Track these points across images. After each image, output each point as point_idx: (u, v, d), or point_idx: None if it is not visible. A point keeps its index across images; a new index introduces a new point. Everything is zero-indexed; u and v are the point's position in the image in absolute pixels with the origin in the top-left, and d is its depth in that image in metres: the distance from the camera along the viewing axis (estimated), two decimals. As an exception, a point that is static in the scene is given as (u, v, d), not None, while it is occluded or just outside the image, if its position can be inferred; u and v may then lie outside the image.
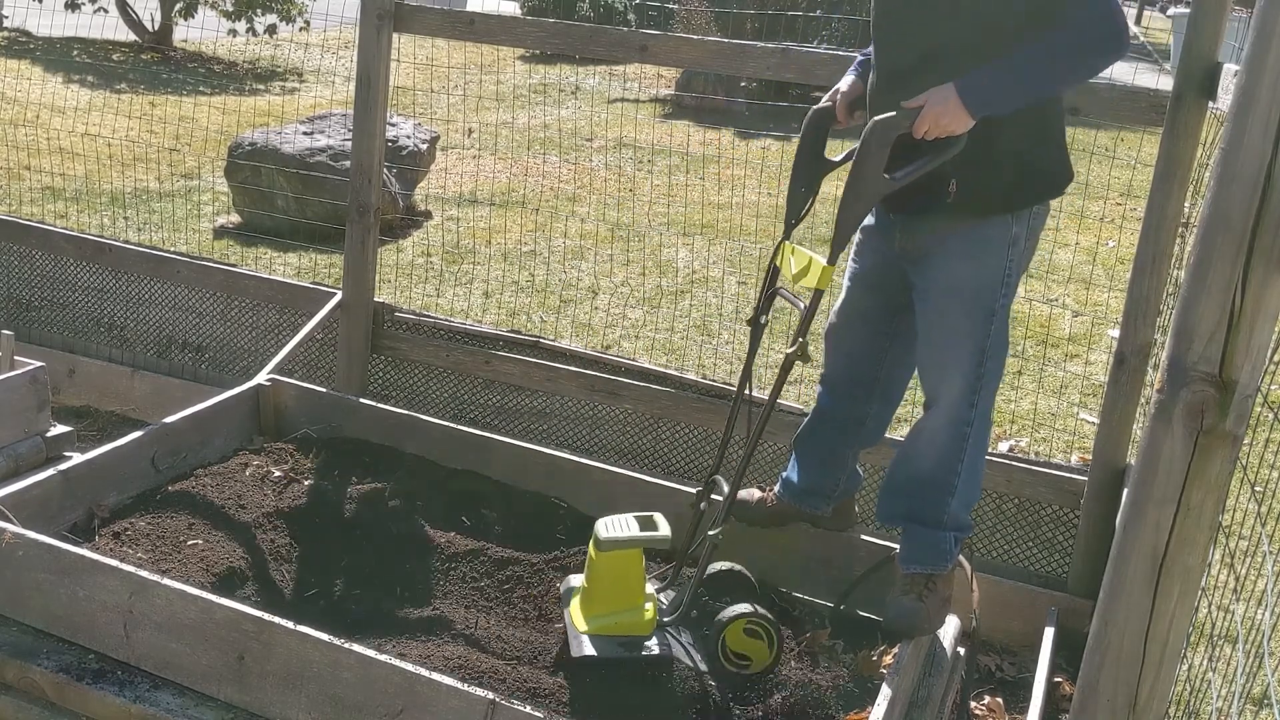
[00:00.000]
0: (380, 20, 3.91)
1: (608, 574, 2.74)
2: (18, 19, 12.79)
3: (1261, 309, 1.46)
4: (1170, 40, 17.96)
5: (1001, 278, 2.64)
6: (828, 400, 3.04)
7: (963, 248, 2.63)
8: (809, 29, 11.93)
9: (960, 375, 2.68)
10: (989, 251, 2.63)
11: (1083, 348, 5.74)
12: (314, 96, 11.39)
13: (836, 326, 2.99)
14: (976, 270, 2.64)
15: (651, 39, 3.81)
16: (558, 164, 8.87)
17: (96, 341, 4.80)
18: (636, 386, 3.98)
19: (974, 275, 2.64)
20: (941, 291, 2.68)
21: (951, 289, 2.66)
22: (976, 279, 2.64)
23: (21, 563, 2.64)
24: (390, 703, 2.34)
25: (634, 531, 2.75)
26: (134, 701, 2.49)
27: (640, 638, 2.72)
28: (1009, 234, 2.62)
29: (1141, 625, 1.61)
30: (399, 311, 4.34)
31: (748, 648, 2.70)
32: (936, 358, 2.73)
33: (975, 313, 2.65)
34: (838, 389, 3.02)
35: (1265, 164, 1.42)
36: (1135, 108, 3.21)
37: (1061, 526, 3.55)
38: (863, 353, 2.95)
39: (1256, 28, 1.42)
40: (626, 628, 2.71)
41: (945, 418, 2.72)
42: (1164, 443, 1.54)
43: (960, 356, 2.67)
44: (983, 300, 2.64)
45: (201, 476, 3.31)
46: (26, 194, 6.98)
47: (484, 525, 3.31)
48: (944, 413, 2.72)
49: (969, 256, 2.63)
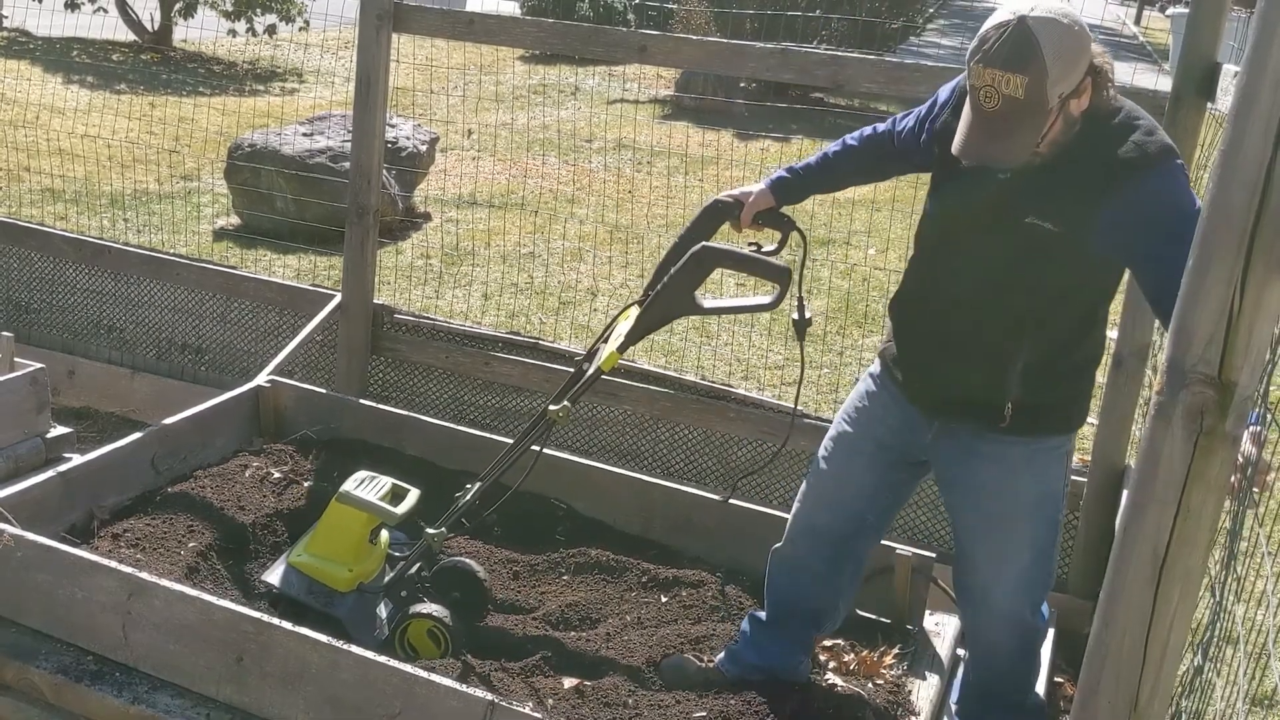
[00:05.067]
0: (379, 20, 3.90)
1: (334, 522, 2.88)
2: (17, 19, 12.78)
3: (1261, 310, 1.46)
4: (1169, 40, 17.98)
5: (1062, 489, 2.52)
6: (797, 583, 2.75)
7: (1023, 455, 2.46)
8: (808, 29, 11.93)
9: (1025, 585, 2.55)
10: (1049, 463, 2.48)
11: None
12: (313, 97, 11.38)
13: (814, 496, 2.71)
14: (1036, 481, 2.48)
15: (651, 39, 3.80)
16: (557, 165, 8.87)
17: (96, 343, 4.80)
18: (635, 387, 3.98)
19: (1034, 485, 2.48)
20: (1009, 499, 2.49)
21: (1014, 495, 2.48)
22: (1038, 489, 2.48)
23: (21, 564, 2.63)
24: (389, 704, 2.34)
25: (371, 497, 2.86)
26: (132, 702, 2.49)
27: (333, 592, 2.84)
28: (1067, 445, 2.51)
29: (1142, 626, 1.61)
30: (398, 313, 4.34)
31: (423, 646, 2.78)
32: (1002, 566, 2.55)
33: (1040, 522, 2.50)
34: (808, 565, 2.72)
35: (1265, 164, 1.41)
36: (1134, 108, 3.20)
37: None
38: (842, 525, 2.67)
39: (1256, 28, 1.42)
40: (326, 577, 2.85)
41: (1013, 630, 2.61)
42: (1164, 444, 1.54)
43: (1029, 568, 2.53)
44: (1046, 511, 2.50)
45: (201, 478, 3.31)
46: (26, 196, 6.97)
47: (483, 525, 3.31)
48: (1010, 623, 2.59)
49: (1029, 465, 2.47)
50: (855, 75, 3.55)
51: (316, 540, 2.91)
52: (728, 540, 3.14)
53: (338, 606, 2.83)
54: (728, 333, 5.65)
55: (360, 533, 2.87)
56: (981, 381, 2.41)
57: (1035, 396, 2.39)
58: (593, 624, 2.97)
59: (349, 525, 2.87)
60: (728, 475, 3.93)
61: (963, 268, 2.42)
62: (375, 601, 2.89)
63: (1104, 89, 2.25)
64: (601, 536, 3.30)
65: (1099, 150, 2.23)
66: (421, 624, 2.77)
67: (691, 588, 3.10)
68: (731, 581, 3.10)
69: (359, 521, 2.86)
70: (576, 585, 3.13)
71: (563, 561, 3.21)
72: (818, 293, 6.01)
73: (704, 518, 3.25)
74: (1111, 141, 2.22)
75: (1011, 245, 2.32)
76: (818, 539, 2.69)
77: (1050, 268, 2.30)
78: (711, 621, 2.96)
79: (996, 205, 2.33)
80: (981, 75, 2.16)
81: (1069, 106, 2.19)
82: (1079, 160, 2.24)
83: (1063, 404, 2.45)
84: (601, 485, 3.38)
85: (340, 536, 2.87)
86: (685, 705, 2.58)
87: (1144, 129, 2.24)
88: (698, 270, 2.62)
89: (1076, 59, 2.15)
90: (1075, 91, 2.18)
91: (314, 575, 2.86)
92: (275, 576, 2.89)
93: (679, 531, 3.28)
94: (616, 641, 2.86)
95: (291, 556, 2.91)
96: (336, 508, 2.87)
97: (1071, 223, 2.24)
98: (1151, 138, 2.22)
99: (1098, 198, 2.21)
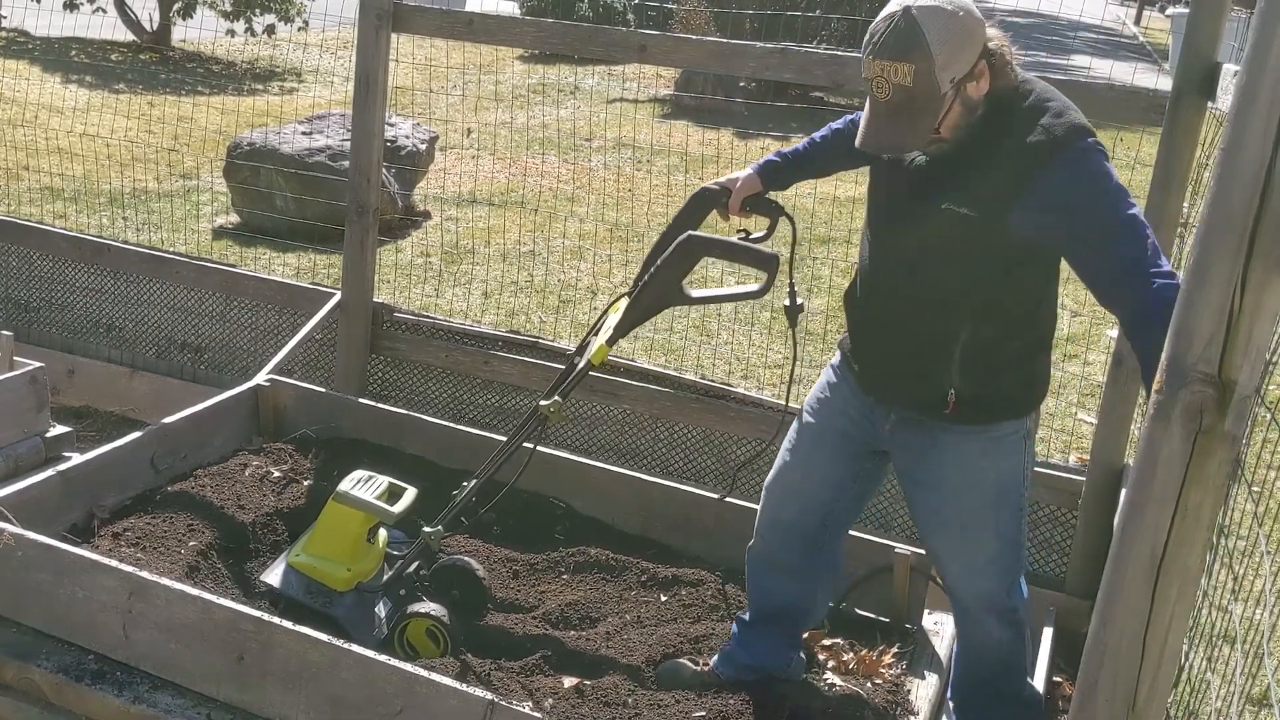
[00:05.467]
0: (379, 20, 3.90)
1: (332, 522, 2.88)
2: (16, 19, 12.77)
3: (1261, 309, 1.46)
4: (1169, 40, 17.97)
5: (1023, 474, 2.49)
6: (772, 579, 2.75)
7: (978, 446, 2.45)
8: (808, 29, 11.92)
9: (997, 572, 2.53)
10: (1006, 452, 2.46)
11: (1081, 348, 5.75)
12: (313, 97, 11.38)
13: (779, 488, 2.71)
14: (994, 471, 2.47)
15: (650, 39, 3.80)
16: (557, 164, 8.87)
17: (96, 342, 4.80)
18: (635, 386, 3.98)
19: (993, 477, 2.47)
20: (966, 491, 2.48)
21: (974, 486, 2.47)
22: (997, 480, 2.47)
23: (21, 563, 2.63)
24: (389, 703, 2.34)
25: (368, 496, 2.86)
26: (133, 702, 2.49)
27: (332, 591, 2.84)
28: (1024, 428, 2.47)
29: (1140, 625, 1.61)
30: (398, 312, 4.34)
31: (422, 645, 2.78)
32: (970, 559, 2.55)
33: (1003, 509, 2.48)
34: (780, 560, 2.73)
35: (1265, 164, 1.42)
36: (1134, 108, 3.21)
37: (1060, 527, 3.55)
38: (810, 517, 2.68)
39: (1256, 28, 1.42)
40: (324, 577, 2.85)
41: (995, 618, 2.58)
42: (1162, 443, 1.54)
43: (998, 558, 2.52)
44: (1010, 500, 2.48)
45: (201, 477, 3.31)
46: (25, 194, 6.97)
47: (482, 525, 3.31)
48: (991, 612, 2.58)
49: (985, 455, 2.46)
50: (855, 75, 3.54)
51: (314, 540, 2.91)
52: (727, 539, 3.14)
53: (336, 606, 2.83)
54: (727, 331, 5.65)
55: (358, 532, 2.88)
56: (923, 369, 2.43)
57: (979, 383, 2.39)
58: (592, 623, 2.97)
59: (346, 525, 2.87)
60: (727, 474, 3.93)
61: (895, 257, 2.45)
62: (374, 601, 2.89)
63: (1006, 72, 2.28)
64: (601, 536, 3.31)
65: (1008, 135, 2.26)
66: (420, 623, 2.77)
67: (691, 587, 3.10)
68: (731, 580, 3.10)
69: (356, 521, 2.86)
70: (576, 584, 3.13)
71: (562, 561, 3.21)
72: (817, 291, 6.01)
73: (703, 517, 3.25)
74: (1021, 126, 2.25)
75: (933, 232, 2.35)
76: (787, 533, 2.70)
77: (973, 252, 2.32)
78: (711, 620, 2.96)
79: (916, 193, 2.37)
80: (872, 67, 2.21)
81: (966, 91, 2.22)
82: (990, 145, 2.27)
83: (1010, 390, 2.44)
84: (601, 484, 3.38)
85: (338, 536, 2.87)
86: (685, 705, 2.59)
87: (1053, 111, 2.26)
88: (684, 259, 2.61)
89: (964, 43, 2.18)
90: (970, 75, 2.21)
91: (312, 575, 2.86)
92: (274, 577, 2.89)
93: (678, 530, 3.29)
94: (616, 640, 2.86)
95: (290, 557, 2.91)
96: (334, 507, 2.87)
97: (986, 208, 2.27)
98: (1060, 120, 2.24)
99: (1008, 183, 2.24)
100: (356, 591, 2.87)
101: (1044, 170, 2.21)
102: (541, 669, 2.71)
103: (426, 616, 2.77)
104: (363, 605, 2.87)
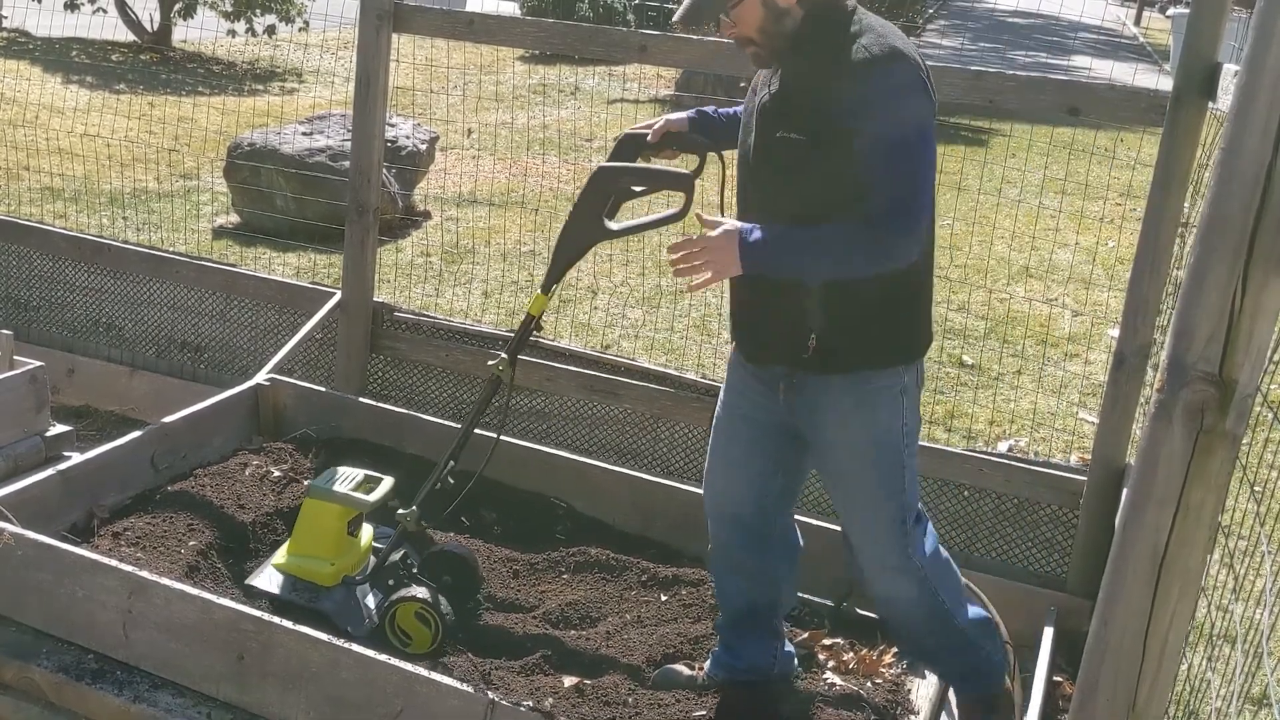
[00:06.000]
0: (379, 20, 3.91)
1: (310, 519, 2.89)
2: (17, 19, 12.77)
3: (1261, 309, 1.46)
4: (1170, 40, 17.97)
5: (900, 428, 2.47)
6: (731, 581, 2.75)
7: (852, 400, 2.45)
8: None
9: (889, 534, 2.52)
10: (879, 405, 2.45)
11: (1082, 347, 5.75)
12: (313, 97, 11.38)
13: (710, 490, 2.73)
14: (867, 427, 2.46)
15: (651, 39, 3.81)
16: (557, 164, 8.87)
17: (96, 341, 4.80)
18: (636, 386, 3.98)
19: (867, 432, 2.47)
20: (843, 450, 2.50)
21: (852, 444, 2.49)
22: (871, 436, 2.47)
23: (21, 563, 2.63)
24: (390, 703, 2.34)
25: (343, 488, 2.88)
26: (133, 701, 2.49)
27: (319, 588, 2.84)
28: (900, 382, 2.46)
29: (1141, 625, 1.61)
30: (398, 311, 4.33)
31: (413, 629, 2.78)
32: (858, 518, 2.58)
33: (882, 465, 2.48)
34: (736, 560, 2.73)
35: (1265, 164, 1.42)
36: (1135, 108, 3.20)
37: (1061, 526, 3.54)
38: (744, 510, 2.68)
39: (1256, 28, 1.42)
40: (310, 574, 2.86)
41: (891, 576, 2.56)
42: (1164, 442, 1.54)
43: (882, 516, 2.52)
44: (887, 457, 2.47)
45: (201, 476, 3.31)
46: (25, 194, 6.97)
47: (483, 524, 3.32)
48: (885, 570, 2.56)
49: (859, 408, 2.45)
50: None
51: (295, 540, 2.92)
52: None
53: (324, 601, 2.84)
54: (728, 331, 5.65)
55: (337, 526, 2.89)
56: (786, 311, 2.44)
57: (842, 326, 2.40)
58: (592, 623, 2.97)
59: (324, 520, 2.88)
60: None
61: (755, 197, 2.49)
62: (362, 593, 2.89)
63: None
64: (601, 535, 3.31)
65: (833, 61, 2.30)
66: (409, 607, 2.77)
67: (691, 586, 3.10)
68: (731, 580, 3.10)
69: (333, 515, 2.88)
70: (576, 584, 3.13)
71: (562, 560, 3.21)
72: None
73: (703, 517, 3.24)
74: (843, 50, 2.29)
75: (774, 162, 2.39)
76: (731, 531, 2.71)
77: (812, 181, 2.34)
78: (711, 620, 2.96)
79: (760, 127, 2.43)
80: None
81: None
82: (816, 72, 2.33)
83: (877, 334, 2.44)
84: (601, 484, 3.38)
85: (317, 532, 2.88)
86: (685, 704, 2.59)
87: (876, 33, 2.31)
88: (597, 192, 2.63)
89: None
90: None
91: (297, 574, 2.87)
92: (260, 580, 2.91)
93: (679, 530, 3.28)
94: (616, 640, 2.86)
95: (274, 560, 2.93)
96: (310, 504, 2.90)
97: (812, 131, 2.31)
98: (880, 40, 2.29)
99: (827, 104, 2.29)
100: (344, 585, 2.88)
101: (856, 86, 2.25)
102: (541, 668, 2.71)
103: (414, 600, 2.77)
104: (351, 598, 2.87)
